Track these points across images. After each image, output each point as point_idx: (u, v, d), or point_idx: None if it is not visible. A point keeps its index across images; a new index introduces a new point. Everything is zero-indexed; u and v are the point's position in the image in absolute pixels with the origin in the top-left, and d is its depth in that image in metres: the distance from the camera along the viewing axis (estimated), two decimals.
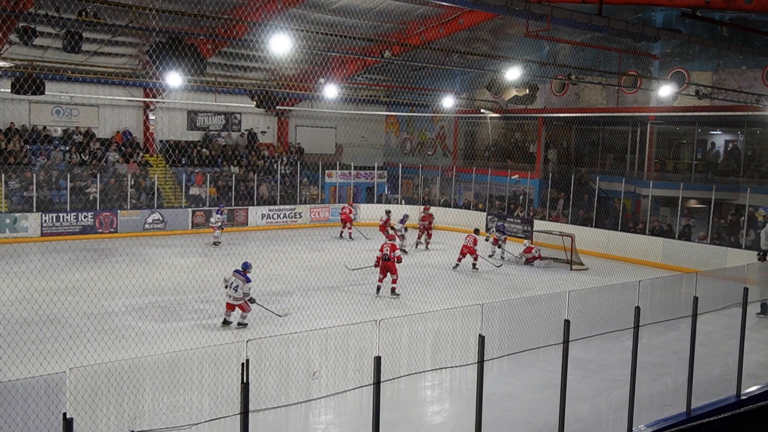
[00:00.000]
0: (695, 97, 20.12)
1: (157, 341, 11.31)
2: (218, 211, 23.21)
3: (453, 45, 24.41)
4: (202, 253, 20.70)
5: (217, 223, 22.70)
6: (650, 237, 22.03)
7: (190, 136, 29.24)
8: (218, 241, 22.41)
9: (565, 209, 25.52)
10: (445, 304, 13.21)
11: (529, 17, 12.38)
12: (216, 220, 22.78)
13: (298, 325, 12.36)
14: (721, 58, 22.32)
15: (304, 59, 24.59)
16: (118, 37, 22.58)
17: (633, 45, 22.63)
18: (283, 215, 27.82)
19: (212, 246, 22.15)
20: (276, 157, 30.32)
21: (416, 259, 20.67)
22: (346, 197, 30.32)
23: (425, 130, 34.23)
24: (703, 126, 25.25)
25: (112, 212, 23.66)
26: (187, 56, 13.63)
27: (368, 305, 15.07)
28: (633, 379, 8.22)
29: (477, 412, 6.95)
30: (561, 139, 29.84)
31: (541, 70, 21.62)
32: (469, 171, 29.63)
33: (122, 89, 26.10)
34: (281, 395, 6.44)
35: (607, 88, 25.00)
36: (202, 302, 14.65)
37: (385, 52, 18.56)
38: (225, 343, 6.71)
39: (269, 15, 20.44)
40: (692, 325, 8.88)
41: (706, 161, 25.63)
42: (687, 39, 17.71)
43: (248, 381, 5.55)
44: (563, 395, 7.56)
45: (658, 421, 8.52)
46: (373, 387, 6.26)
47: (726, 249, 20.14)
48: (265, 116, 31.00)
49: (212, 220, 23.07)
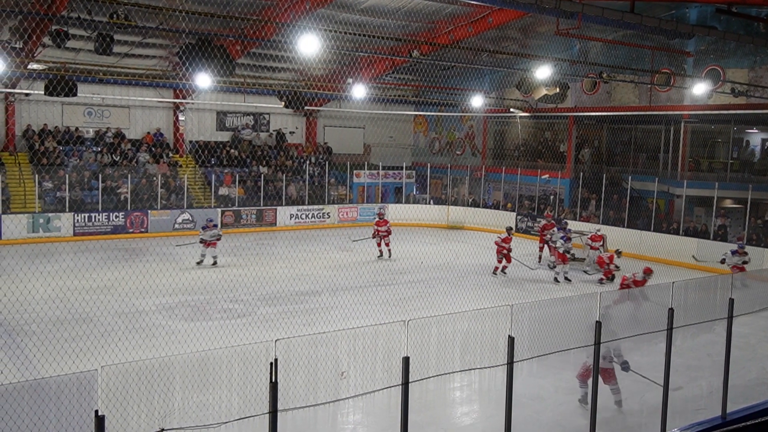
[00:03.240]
0: (731, 94, 19.75)
1: (186, 340, 11.41)
2: (204, 227, 19.16)
3: (482, 44, 24.25)
4: (230, 253, 20.83)
5: (213, 237, 18.89)
6: (684, 237, 21.64)
7: (219, 136, 29.50)
8: (215, 260, 18.84)
9: (597, 209, 25.20)
10: (474, 304, 13.12)
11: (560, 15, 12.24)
12: (210, 235, 18.90)
13: (327, 324, 12.36)
14: (758, 54, 21.83)
15: (333, 59, 24.63)
16: (149, 39, 22.86)
17: (666, 42, 22.23)
18: (312, 215, 27.90)
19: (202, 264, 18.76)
20: (304, 157, 30.44)
21: (444, 260, 20.57)
22: (375, 197, 30.32)
23: (454, 129, 34.09)
24: (738, 124, 24.73)
25: (142, 212, 23.96)
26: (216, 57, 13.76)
27: (397, 305, 15.04)
28: (666, 381, 8.06)
29: (506, 413, 6.87)
30: (592, 139, 29.48)
31: (571, 68, 21.40)
32: (499, 171, 29.42)
33: (152, 90, 26.46)
34: (309, 395, 6.42)
35: (640, 87, 24.62)
36: (231, 301, 14.74)
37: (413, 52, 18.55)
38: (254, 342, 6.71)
39: (297, 16, 20.51)
40: (728, 328, 8.68)
41: (741, 160, 25.11)
42: (722, 36, 17.35)
43: (277, 380, 5.54)
44: (594, 398, 7.45)
45: (692, 425, 8.34)
46: (402, 387, 6.21)
47: (763, 250, 19.68)
48: (294, 116, 31.15)
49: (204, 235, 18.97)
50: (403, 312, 14.44)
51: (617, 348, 8.46)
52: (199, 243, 18.95)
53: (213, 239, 18.79)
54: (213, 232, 18.90)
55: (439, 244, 24.00)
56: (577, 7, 11.54)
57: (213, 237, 18.82)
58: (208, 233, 18.83)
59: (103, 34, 15.57)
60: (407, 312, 14.37)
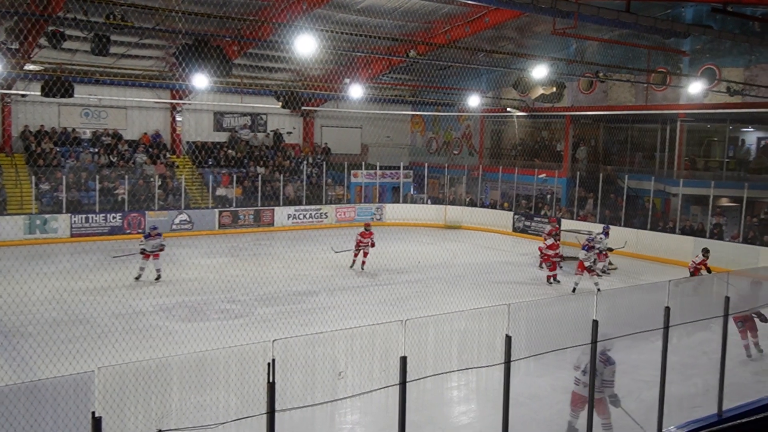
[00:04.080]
0: (726, 93, 19.79)
1: (184, 341, 11.42)
2: (147, 235, 17.03)
3: (479, 44, 24.29)
4: (228, 254, 20.84)
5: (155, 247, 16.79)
6: (680, 236, 21.70)
7: (216, 137, 29.50)
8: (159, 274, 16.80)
9: (594, 208, 25.24)
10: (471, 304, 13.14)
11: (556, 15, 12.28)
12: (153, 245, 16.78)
13: (324, 324, 12.37)
14: (753, 53, 21.88)
15: (330, 59, 24.65)
16: (146, 39, 22.84)
17: (662, 41, 22.28)
18: (309, 215, 27.91)
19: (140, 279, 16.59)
20: (302, 157, 30.45)
21: (442, 259, 20.59)
22: (372, 197, 30.34)
23: (451, 129, 34.12)
24: (734, 123, 24.80)
25: (140, 213, 23.95)
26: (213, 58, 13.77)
27: (394, 305, 15.06)
28: (663, 379, 8.08)
29: (504, 413, 6.88)
30: (589, 138, 29.54)
31: (568, 67, 21.44)
32: (496, 170, 29.46)
33: (149, 91, 26.46)
34: (307, 395, 6.43)
35: (636, 86, 24.68)
36: (229, 302, 14.75)
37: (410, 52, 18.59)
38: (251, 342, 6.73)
39: (294, 16, 20.52)
40: (724, 326, 8.71)
41: (737, 159, 25.16)
42: (718, 35, 17.43)
43: (274, 381, 5.55)
44: (591, 396, 7.47)
45: (689, 423, 8.37)
46: (399, 387, 6.23)
47: (759, 248, 19.75)
48: (291, 117, 31.15)
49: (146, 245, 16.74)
50: (400, 311, 14.46)
51: (608, 379, 7.97)
52: (140, 254, 16.70)
53: (156, 250, 16.72)
54: (156, 242, 16.76)
55: (436, 244, 24.03)
56: (573, 6, 11.59)
57: (156, 248, 16.71)
58: (151, 243, 16.67)
59: (99, 35, 15.57)
60: (405, 311, 14.39)
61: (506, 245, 24.33)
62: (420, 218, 28.59)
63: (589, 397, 7.59)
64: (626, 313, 8.38)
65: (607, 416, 8.04)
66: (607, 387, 7.94)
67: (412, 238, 24.76)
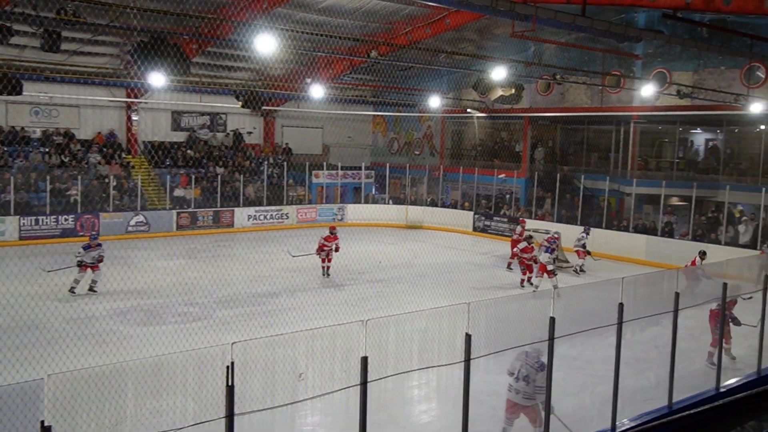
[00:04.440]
0: (676, 96, 20.32)
1: (140, 345, 11.22)
2: (87, 246, 15.67)
3: (439, 45, 24.46)
4: (186, 255, 20.56)
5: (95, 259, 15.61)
6: (634, 234, 22.21)
7: (174, 137, 29.07)
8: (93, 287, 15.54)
9: (551, 208, 25.63)
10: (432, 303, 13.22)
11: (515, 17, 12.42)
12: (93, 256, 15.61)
13: (285, 326, 12.31)
14: (701, 58, 22.55)
15: (291, 59, 24.51)
16: (99, 36, 22.38)
17: (616, 45, 22.72)
18: (270, 216, 27.72)
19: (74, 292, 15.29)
20: (262, 157, 30.22)
21: (403, 259, 20.67)
22: (333, 198, 30.30)
23: (412, 129, 34.27)
24: (684, 125, 25.49)
25: (93, 215, 23.45)
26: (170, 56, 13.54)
27: (355, 305, 15.06)
28: (617, 374, 8.26)
29: (464, 410, 6.95)
30: (546, 138, 29.99)
31: (526, 70, 21.70)
32: (456, 170, 29.70)
33: (104, 89, 25.91)
34: (267, 397, 6.39)
35: (592, 88, 25.15)
36: (187, 305, 14.56)
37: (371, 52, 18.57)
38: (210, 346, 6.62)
39: (254, 14, 20.36)
40: (674, 321, 8.95)
41: (687, 159, 25.87)
42: (668, 40, 17.87)
43: (233, 384, 5.51)
44: (548, 392, 7.58)
45: (641, 415, 8.58)
46: (360, 387, 6.25)
47: (706, 245, 20.30)
48: (251, 116, 30.89)
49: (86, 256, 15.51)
50: (361, 312, 14.47)
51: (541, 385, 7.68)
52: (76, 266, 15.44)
53: (95, 262, 15.60)
54: (95, 253, 15.60)
55: (397, 244, 24.11)
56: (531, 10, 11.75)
57: (95, 259, 15.59)
58: (91, 254, 15.51)
59: (50, 31, 15.16)
60: (366, 312, 14.41)
61: (467, 245, 24.55)
62: (381, 218, 28.64)
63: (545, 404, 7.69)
64: (582, 310, 8.54)
65: (540, 424, 7.85)
66: (540, 393, 7.73)
67: (374, 239, 24.79)
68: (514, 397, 7.84)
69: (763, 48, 18.98)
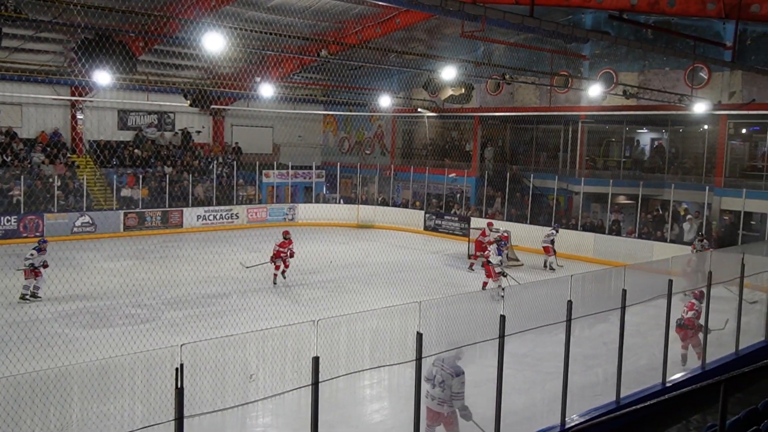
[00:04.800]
0: (623, 96, 20.81)
1: (86, 348, 10.95)
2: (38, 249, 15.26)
3: (390, 44, 24.52)
4: (134, 256, 20.14)
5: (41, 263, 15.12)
6: (582, 232, 22.67)
7: (121, 136, 28.43)
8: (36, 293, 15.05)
9: (501, 207, 25.97)
10: (383, 302, 13.26)
11: (464, 18, 12.53)
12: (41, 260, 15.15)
13: (235, 327, 12.17)
14: (647, 59, 23.16)
15: (240, 58, 24.21)
16: (42, 33, 21.73)
17: (564, 46, 23.24)
18: (220, 216, 27.37)
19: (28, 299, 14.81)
20: (211, 157, 29.80)
21: (354, 259, 20.66)
22: (284, 197, 30.08)
23: (363, 129, 34.27)
24: (630, 125, 26.12)
25: (37, 215, 22.76)
26: (116, 54, 13.29)
27: (307, 306, 15.00)
28: (566, 371, 8.42)
29: (415, 409, 6.99)
30: (496, 138, 30.37)
31: (476, 70, 21.92)
32: (407, 170, 29.83)
33: (47, 87, 25.19)
34: (217, 399, 6.32)
35: (540, 88, 25.58)
36: (135, 306, 14.27)
37: (321, 51, 18.48)
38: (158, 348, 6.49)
39: (202, 12, 20.04)
40: (621, 317, 9.17)
41: (633, 159, 26.53)
42: (614, 41, 18.29)
43: (182, 386, 5.43)
44: (499, 389, 7.68)
45: (589, 411, 8.76)
46: (312, 387, 6.22)
47: (652, 243, 20.91)
48: (200, 115, 30.40)
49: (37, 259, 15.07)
50: (312, 312, 14.42)
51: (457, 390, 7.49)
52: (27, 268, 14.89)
53: (41, 266, 15.10)
54: (42, 258, 15.15)
55: (349, 243, 24.09)
56: (480, 10, 11.85)
57: (41, 263, 15.10)
58: (40, 258, 15.07)
59: None
60: (317, 312, 14.36)
61: (418, 244, 24.68)
62: (333, 218, 28.58)
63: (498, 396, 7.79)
64: (531, 308, 8.67)
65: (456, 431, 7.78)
66: (457, 399, 7.55)
67: (325, 238, 24.71)
68: (430, 403, 7.60)
69: (705, 49, 19.61)
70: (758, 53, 20.48)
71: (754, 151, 23.29)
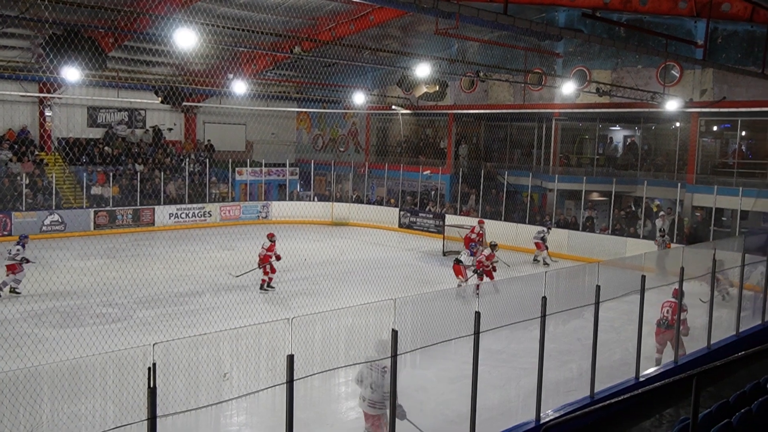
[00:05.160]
0: (596, 94, 21.01)
1: (56, 348, 10.75)
2: (23, 243, 15.52)
3: (364, 41, 24.43)
4: (105, 255, 19.84)
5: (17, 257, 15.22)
6: (556, 229, 22.81)
7: (90, 133, 27.99)
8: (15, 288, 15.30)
9: (476, 204, 26.07)
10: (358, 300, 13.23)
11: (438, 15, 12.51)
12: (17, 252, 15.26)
13: (209, 326, 12.04)
14: (619, 57, 23.40)
15: (212, 54, 23.99)
16: (9, 28, 21.28)
17: (538, 44, 23.36)
18: (192, 214, 27.10)
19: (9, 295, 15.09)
20: (184, 154, 29.48)
21: (329, 256, 20.59)
22: (258, 195, 29.88)
23: (337, 126, 34.17)
24: (603, 122, 26.40)
25: (5, 214, 22.33)
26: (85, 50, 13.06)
27: (281, 304, 14.90)
28: (540, 366, 8.46)
29: (391, 406, 6.97)
30: (470, 135, 30.48)
31: (450, 67, 21.99)
32: (382, 167, 29.81)
33: (14, 84, 24.71)
34: (191, 398, 6.23)
35: (514, 85, 25.70)
36: (106, 306, 14.06)
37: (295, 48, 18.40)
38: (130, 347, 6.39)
39: (173, 8, 19.79)
40: (595, 313, 9.23)
41: (606, 156, 26.80)
42: (587, 39, 18.43)
43: (155, 385, 5.34)
44: (475, 385, 7.69)
45: (564, 406, 8.81)
46: (287, 386, 6.16)
47: (626, 239, 21.14)
48: (172, 112, 30.07)
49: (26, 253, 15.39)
50: (287, 310, 14.35)
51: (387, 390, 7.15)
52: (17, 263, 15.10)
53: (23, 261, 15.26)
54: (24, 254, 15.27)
55: (323, 241, 24.00)
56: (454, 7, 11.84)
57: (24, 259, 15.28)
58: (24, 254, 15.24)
59: None
60: (291, 310, 14.29)
61: (393, 241, 24.68)
62: (307, 215, 28.48)
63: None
64: (506, 305, 8.69)
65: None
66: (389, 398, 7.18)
67: (299, 236, 24.55)
68: (362, 405, 7.48)
69: (677, 48, 19.85)
70: (729, 51, 20.81)
71: (725, 148, 23.68)
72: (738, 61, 20.41)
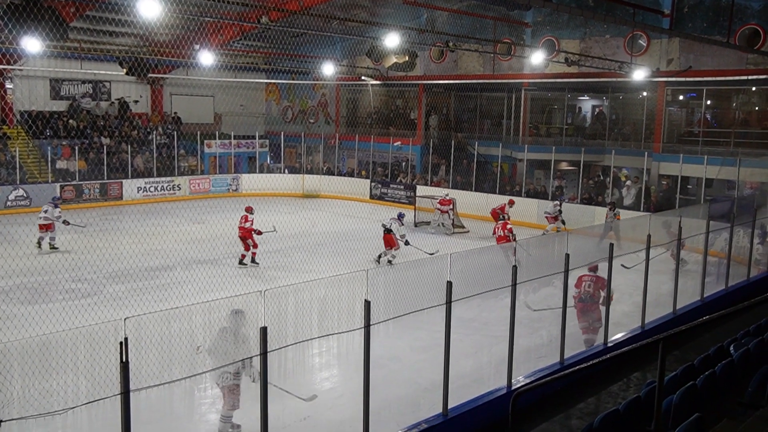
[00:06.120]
0: (564, 64, 21.08)
1: (25, 324, 10.61)
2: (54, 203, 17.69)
3: (332, 11, 24.10)
4: (72, 230, 19.52)
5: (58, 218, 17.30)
6: (526, 199, 23.03)
7: (54, 106, 27.35)
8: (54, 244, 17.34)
9: (446, 174, 26.15)
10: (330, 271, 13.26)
11: None
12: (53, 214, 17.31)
13: (180, 299, 11.97)
14: (588, 27, 23.46)
15: (177, 24, 23.43)
16: None
17: (507, 13, 23.34)
18: (161, 188, 26.76)
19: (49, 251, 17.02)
20: (150, 127, 28.99)
21: (300, 228, 20.55)
22: (227, 168, 29.59)
23: (306, 97, 33.85)
24: (572, 92, 26.55)
25: None
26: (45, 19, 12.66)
27: (253, 276, 14.88)
28: (512, 334, 8.60)
29: (365, 375, 7.04)
30: (441, 106, 30.45)
31: (419, 37, 21.85)
32: (352, 138, 29.69)
33: None
34: (164, 372, 6.22)
35: (484, 56, 25.66)
36: (75, 281, 13.89)
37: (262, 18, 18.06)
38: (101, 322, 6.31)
39: None
40: (564, 281, 9.39)
41: (575, 125, 27.01)
42: (556, 8, 18.38)
43: (128, 360, 5.32)
44: (447, 354, 7.80)
45: (535, 372, 8.99)
46: (261, 357, 6.20)
47: (594, 208, 21.42)
48: (137, 84, 29.46)
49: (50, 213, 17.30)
50: (259, 282, 14.33)
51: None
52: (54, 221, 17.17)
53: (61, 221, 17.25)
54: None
55: (294, 213, 23.90)
56: None
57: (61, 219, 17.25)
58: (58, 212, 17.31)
59: None
60: (264, 282, 14.28)
61: (364, 212, 24.65)
62: (277, 188, 28.28)
63: None
64: (478, 274, 8.79)
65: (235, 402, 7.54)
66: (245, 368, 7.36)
67: (270, 208, 24.38)
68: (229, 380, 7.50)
69: (645, 17, 19.95)
70: (695, 20, 21.01)
71: (691, 117, 24.03)
72: (704, 30, 20.61)
